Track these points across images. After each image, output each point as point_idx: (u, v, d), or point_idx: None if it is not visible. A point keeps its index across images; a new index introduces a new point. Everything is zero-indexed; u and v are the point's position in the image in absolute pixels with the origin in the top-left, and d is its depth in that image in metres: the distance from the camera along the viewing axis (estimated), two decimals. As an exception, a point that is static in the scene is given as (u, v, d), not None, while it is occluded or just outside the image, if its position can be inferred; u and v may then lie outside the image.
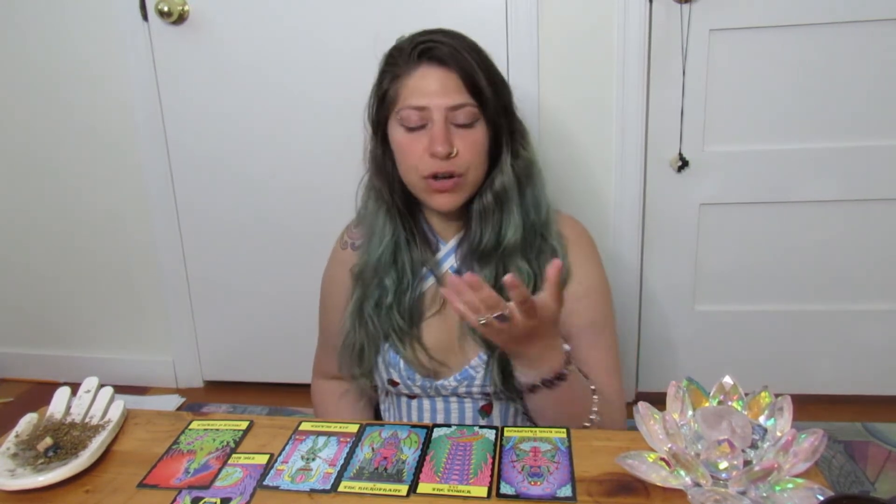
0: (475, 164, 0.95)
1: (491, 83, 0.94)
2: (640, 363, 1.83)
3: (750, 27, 1.53)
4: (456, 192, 0.95)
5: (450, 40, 0.93)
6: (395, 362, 1.01)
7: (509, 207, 0.97)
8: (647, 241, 1.72)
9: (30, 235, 1.99)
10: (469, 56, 0.93)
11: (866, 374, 1.76)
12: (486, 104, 0.93)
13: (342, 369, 1.06)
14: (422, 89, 0.92)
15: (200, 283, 1.93)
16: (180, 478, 0.77)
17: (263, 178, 1.79)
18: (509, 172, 0.97)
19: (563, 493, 0.72)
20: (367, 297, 1.01)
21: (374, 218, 1.01)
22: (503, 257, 0.98)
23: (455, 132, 0.93)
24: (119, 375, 1.85)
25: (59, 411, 0.88)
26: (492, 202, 0.97)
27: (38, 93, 1.84)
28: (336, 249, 1.12)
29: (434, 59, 0.92)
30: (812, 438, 0.69)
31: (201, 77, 1.73)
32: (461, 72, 0.92)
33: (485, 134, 0.95)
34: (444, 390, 1.02)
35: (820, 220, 1.65)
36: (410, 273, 1.00)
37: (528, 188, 0.99)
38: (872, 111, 1.56)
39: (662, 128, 1.62)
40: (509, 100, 0.99)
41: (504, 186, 0.97)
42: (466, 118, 0.93)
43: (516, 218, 0.97)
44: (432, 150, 0.91)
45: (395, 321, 1.00)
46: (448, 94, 0.91)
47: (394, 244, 1.00)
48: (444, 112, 0.92)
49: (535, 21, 1.56)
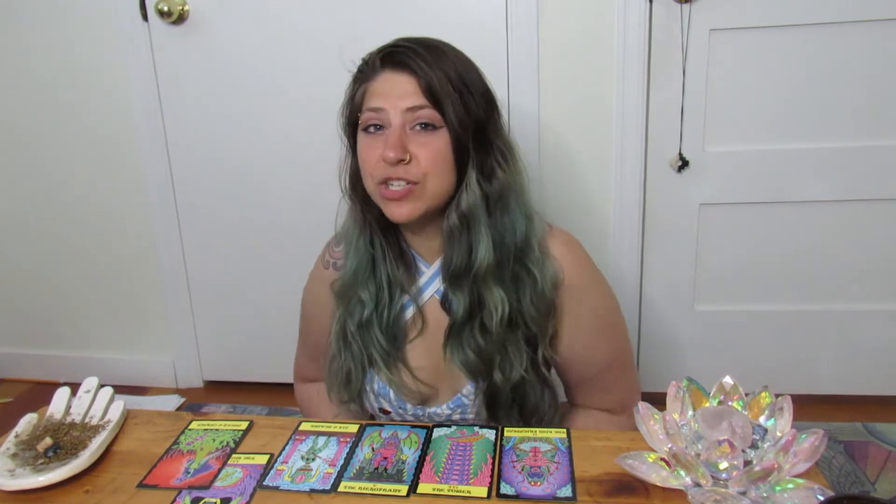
0: (434, 173, 0.89)
1: (459, 91, 0.89)
2: (640, 363, 1.83)
3: (750, 27, 1.53)
4: (411, 201, 0.89)
5: (418, 47, 0.90)
6: (385, 392, 0.99)
7: (477, 228, 0.91)
8: (647, 241, 1.72)
9: (30, 235, 1.99)
10: (436, 62, 0.89)
11: (866, 374, 1.76)
12: (446, 111, 0.88)
13: (330, 394, 1.03)
14: (381, 92, 0.90)
15: (200, 283, 1.93)
16: (180, 478, 0.77)
17: (263, 178, 1.79)
18: (475, 191, 0.91)
19: (563, 493, 0.72)
20: (349, 314, 0.98)
21: (351, 232, 0.99)
22: (475, 281, 0.92)
23: (413, 138, 0.88)
24: (119, 375, 1.85)
25: (59, 411, 0.88)
26: (457, 222, 0.91)
27: (38, 93, 1.84)
28: (318, 268, 1.08)
29: (396, 64, 0.89)
30: (812, 438, 0.69)
31: (201, 77, 1.73)
32: (422, 76, 0.88)
33: (447, 143, 0.89)
34: (437, 417, 1.00)
35: (820, 220, 1.65)
36: (388, 289, 0.97)
37: (500, 210, 0.93)
38: (872, 111, 1.56)
39: (662, 128, 1.62)
40: (487, 112, 0.93)
41: (469, 206, 0.91)
42: (425, 122, 0.88)
43: (486, 240, 0.91)
44: (384, 154, 0.87)
45: (377, 340, 0.97)
46: (405, 97, 0.88)
47: (370, 257, 0.97)
48: (401, 115, 0.88)
49: (535, 21, 1.56)
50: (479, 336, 0.93)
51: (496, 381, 0.94)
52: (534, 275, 0.93)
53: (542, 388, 0.98)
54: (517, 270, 0.94)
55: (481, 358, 0.94)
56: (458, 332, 0.94)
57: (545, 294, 0.94)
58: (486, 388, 0.95)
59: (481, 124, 0.92)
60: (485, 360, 0.94)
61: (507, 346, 0.94)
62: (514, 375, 0.94)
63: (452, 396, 0.99)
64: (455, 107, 0.88)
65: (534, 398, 0.97)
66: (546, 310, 0.95)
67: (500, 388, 0.94)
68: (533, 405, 0.97)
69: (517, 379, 0.94)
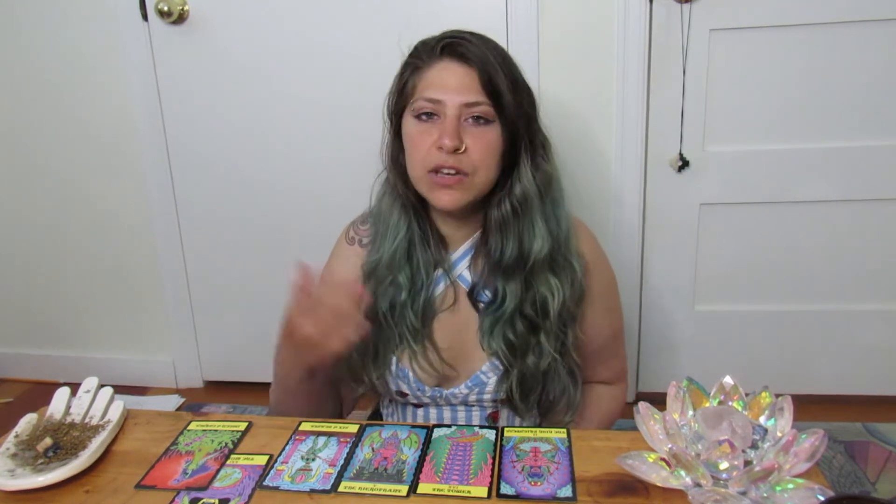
0: (485, 165, 0.91)
1: (513, 88, 0.92)
2: (640, 363, 1.83)
3: (750, 27, 1.53)
4: (459, 190, 0.91)
5: (476, 40, 0.92)
6: (405, 375, 1.00)
7: (531, 218, 0.94)
8: (647, 241, 1.72)
9: (30, 235, 1.99)
10: (493, 58, 0.91)
11: (866, 374, 1.76)
12: (503, 106, 0.91)
13: (350, 371, 1.02)
14: (439, 82, 0.90)
15: (200, 283, 1.93)
16: (178, 478, 0.77)
17: (263, 178, 1.79)
18: (531, 181, 0.94)
19: (563, 493, 0.72)
20: (380, 295, 0.98)
21: (389, 213, 0.99)
22: (531, 272, 0.95)
23: (467, 130, 0.90)
24: (119, 375, 1.85)
25: (59, 411, 0.88)
26: (510, 211, 0.94)
27: (38, 93, 1.84)
28: (341, 245, 1.07)
29: (456, 55, 0.91)
30: (812, 439, 0.69)
31: (201, 77, 1.73)
32: (482, 71, 0.90)
33: (499, 136, 0.92)
34: (454, 399, 1.01)
35: (820, 220, 1.65)
36: (424, 272, 0.98)
37: (551, 201, 0.97)
38: (872, 111, 1.56)
39: (662, 128, 1.62)
40: (532, 108, 0.97)
41: (525, 195, 0.94)
42: (481, 116, 0.90)
43: (542, 230, 0.94)
44: (440, 142, 0.88)
45: (408, 320, 0.98)
46: (465, 91, 0.89)
47: (408, 241, 0.98)
48: (459, 108, 0.89)
49: (535, 21, 1.56)
50: (519, 324, 0.96)
51: (529, 365, 0.96)
52: (573, 265, 0.97)
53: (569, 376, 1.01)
54: (561, 260, 0.97)
55: (519, 345, 0.96)
56: (499, 322, 0.96)
57: (581, 282, 0.98)
58: (517, 373, 0.96)
59: (531, 118, 0.96)
60: (522, 347, 0.96)
61: (542, 333, 0.96)
62: (543, 362, 0.96)
63: (471, 376, 0.99)
64: (511, 104, 0.91)
65: (559, 385, 1.00)
66: (580, 297, 0.99)
67: (532, 372, 0.96)
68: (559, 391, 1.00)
69: (546, 365, 0.96)
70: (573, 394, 1.01)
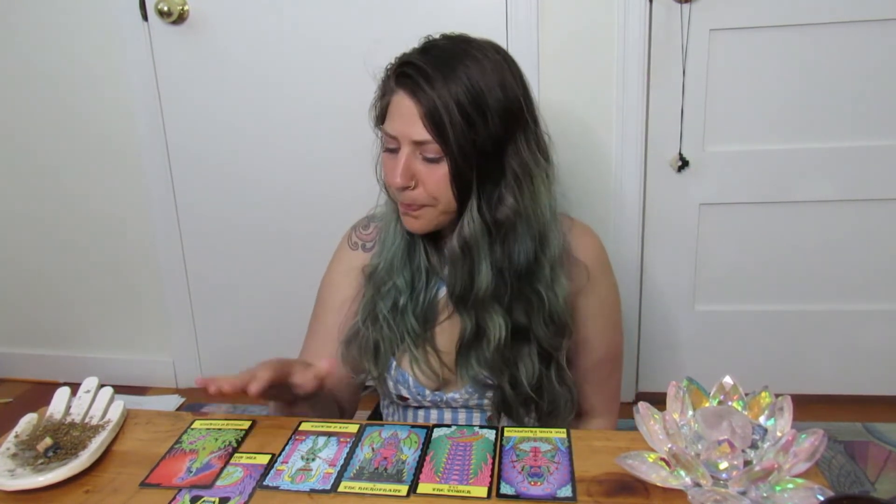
0: (442, 197, 0.90)
1: (466, 116, 0.85)
2: (640, 363, 1.83)
3: (750, 27, 1.53)
4: (423, 218, 0.92)
5: (428, 67, 0.86)
6: (404, 379, 1.00)
7: (477, 256, 0.91)
8: (647, 241, 1.72)
9: (30, 235, 1.99)
10: (445, 84, 0.85)
11: (866, 374, 1.76)
12: (447, 142, 0.86)
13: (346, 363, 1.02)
14: (396, 115, 0.90)
15: (200, 283, 1.93)
16: (182, 477, 0.77)
17: (263, 179, 1.79)
18: (475, 220, 0.90)
19: (563, 493, 0.72)
20: (380, 297, 0.98)
21: (389, 216, 1.00)
22: (474, 306, 0.93)
23: (420, 166, 0.89)
24: (119, 375, 1.84)
25: (59, 411, 0.88)
26: (457, 250, 0.92)
27: (38, 93, 1.84)
28: (343, 250, 1.07)
29: (408, 88, 0.88)
30: (812, 438, 0.69)
31: (201, 77, 1.73)
32: (428, 108, 0.86)
33: (448, 173, 0.89)
34: (454, 403, 1.01)
35: (820, 220, 1.65)
36: (424, 275, 0.98)
37: (505, 238, 0.92)
38: (872, 111, 1.56)
39: (662, 128, 1.62)
40: (505, 133, 0.89)
41: (469, 235, 0.91)
42: (430, 154, 0.88)
43: (486, 268, 0.92)
44: (391, 180, 0.90)
45: (409, 324, 0.98)
46: (412, 128, 0.88)
47: (406, 244, 0.98)
48: (410, 145, 0.89)
49: (535, 21, 1.56)
50: (486, 352, 0.95)
51: (505, 392, 0.96)
52: (541, 295, 0.94)
53: (561, 388, 0.99)
54: (524, 292, 0.94)
55: (490, 372, 0.96)
56: (466, 351, 0.96)
57: (557, 313, 0.95)
58: (495, 396, 0.97)
59: (492, 148, 0.89)
60: (493, 374, 0.96)
61: (518, 361, 0.95)
62: (522, 387, 0.95)
63: (470, 381, 0.99)
64: (458, 136, 0.86)
65: (550, 397, 0.98)
66: (560, 328, 0.96)
67: (511, 395, 0.96)
68: (551, 403, 0.99)
69: (527, 388, 0.95)
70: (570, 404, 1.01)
